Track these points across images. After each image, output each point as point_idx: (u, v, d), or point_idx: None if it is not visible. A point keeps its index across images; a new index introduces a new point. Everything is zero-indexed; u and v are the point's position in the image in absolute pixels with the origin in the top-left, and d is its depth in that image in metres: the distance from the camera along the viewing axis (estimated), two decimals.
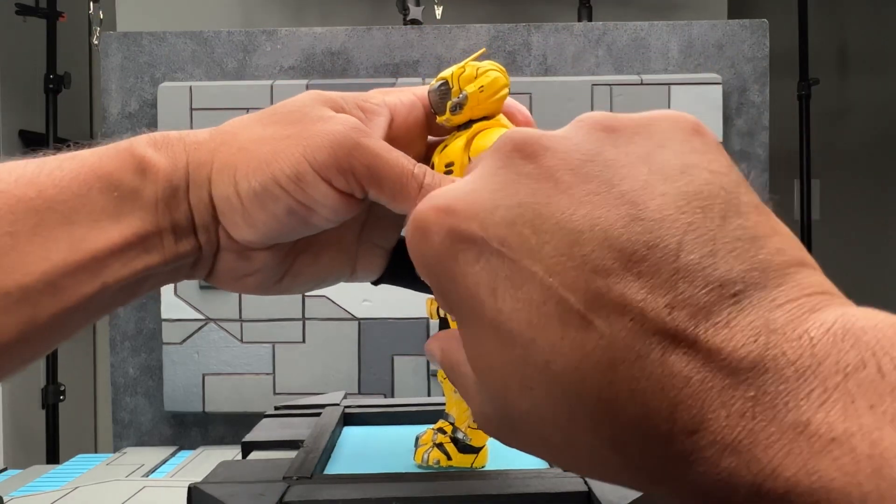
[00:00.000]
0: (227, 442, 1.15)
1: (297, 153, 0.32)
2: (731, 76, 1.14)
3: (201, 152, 0.34)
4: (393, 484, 0.37)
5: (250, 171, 0.33)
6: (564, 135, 0.23)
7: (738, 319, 0.18)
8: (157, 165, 0.33)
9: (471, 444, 0.41)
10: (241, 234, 0.34)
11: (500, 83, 0.38)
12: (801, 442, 0.16)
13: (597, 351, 0.19)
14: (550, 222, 0.20)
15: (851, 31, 2.33)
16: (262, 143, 0.33)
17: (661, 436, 0.18)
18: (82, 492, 0.81)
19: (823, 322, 0.17)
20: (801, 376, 0.17)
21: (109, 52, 1.16)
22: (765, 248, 0.19)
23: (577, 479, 0.37)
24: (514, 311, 0.20)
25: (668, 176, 0.20)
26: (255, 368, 1.13)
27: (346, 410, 0.54)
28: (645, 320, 0.18)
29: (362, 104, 0.36)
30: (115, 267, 0.32)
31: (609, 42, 1.15)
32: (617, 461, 0.19)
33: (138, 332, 1.17)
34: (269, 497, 0.35)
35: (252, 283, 0.37)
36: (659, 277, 0.19)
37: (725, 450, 0.17)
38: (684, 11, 1.73)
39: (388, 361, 1.12)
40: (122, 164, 0.33)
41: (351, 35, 1.15)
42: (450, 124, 0.39)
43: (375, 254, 0.40)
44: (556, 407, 0.20)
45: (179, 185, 0.33)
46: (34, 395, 1.70)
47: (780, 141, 1.57)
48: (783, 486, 0.16)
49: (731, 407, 0.17)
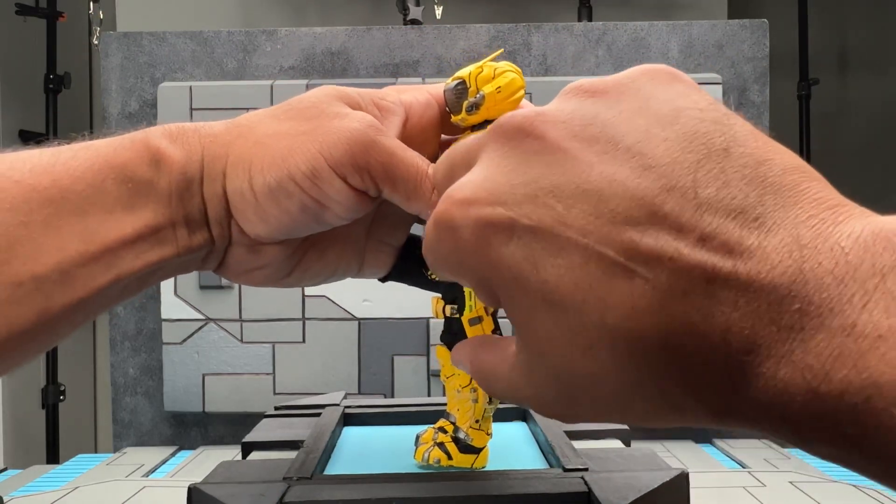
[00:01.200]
0: (227, 442, 1.15)
1: (313, 149, 0.33)
2: (731, 76, 1.14)
3: (216, 145, 0.34)
4: (393, 484, 0.37)
5: (265, 167, 0.33)
6: (557, 107, 0.23)
7: (769, 240, 0.19)
8: (171, 157, 0.33)
9: (472, 445, 0.41)
10: (253, 228, 0.34)
11: (516, 84, 0.38)
12: (849, 343, 0.17)
13: (645, 296, 0.19)
14: (571, 188, 0.21)
15: (851, 31, 2.33)
16: (279, 138, 0.33)
17: (719, 362, 0.19)
18: (82, 492, 0.81)
19: (851, 232, 0.18)
20: (841, 282, 0.17)
21: (109, 52, 1.16)
22: (772, 169, 0.20)
23: (578, 479, 0.37)
24: (559, 279, 0.21)
25: (664, 123, 0.21)
26: (255, 368, 1.13)
27: (347, 411, 0.54)
28: (681, 258, 0.19)
29: (378, 102, 0.36)
30: (128, 259, 0.32)
31: (609, 42, 1.15)
32: (684, 400, 0.20)
33: (138, 332, 1.17)
34: (269, 497, 0.35)
35: (261, 277, 0.37)
36: (684, 216, 0.19)
37: (780, 362, 0.18)
38: (684, 11, 1.73)
39: (388, 361, 1.12)
40: (137, 155, 0.32)
41: (351, 35, 1.15)
42: (465, 124, 0.39)
43: (383, 251, 0.40)
44: (621, 361, 0.20)
45: (194, 178, 0.33)
46: (34, 395, 1.70)
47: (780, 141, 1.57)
48: (837, 387, 0.17)
49: (779, 322, 0.18)
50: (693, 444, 1.10)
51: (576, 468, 0.38)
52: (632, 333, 0.20)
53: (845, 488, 0.79)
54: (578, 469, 0.38)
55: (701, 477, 0.83)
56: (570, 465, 0.39)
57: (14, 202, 0.30)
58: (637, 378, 0.20)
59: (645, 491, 0.35)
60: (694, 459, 1.01)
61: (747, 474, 0.84)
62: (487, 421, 0.41)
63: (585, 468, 0.38)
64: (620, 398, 0.21)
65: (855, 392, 0.17)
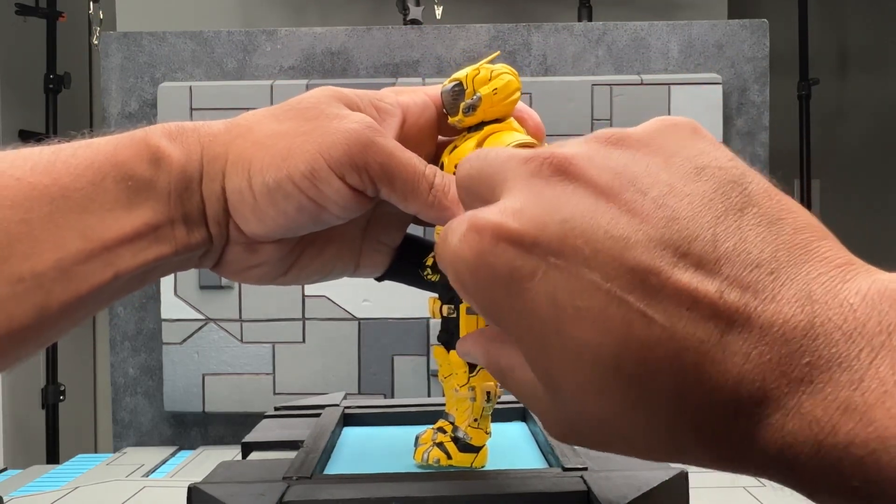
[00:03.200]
0: (227, 442, 1.15)
1: (312, 149, 0.33)
2: (731, 76, 1.14)
3: (216, 145, 0.34)
4: (393, 484, 0.37)
5: (265, 167, 0.33)
6: (588, 153, 0.24)
7: (782, 293, 0.19)
8: (171, 156, 0.33)
9: (471, 444, 0.41)
10: (251, 227, 0.35)
11: (513, 86, 0.39)
12: (856, 397, 0.17)
13: (661, 343, 0.20)
14: (599, 233, 0.22)
15: (851, 31, 2.33)
16: (278, 138, 0.34)
17: (729, 412, 0.19)
18: (82, 492, 0.81)
19: (859, 289, 0.19)
20: (850, 338, 0.18)
21: (109, 52, 1.16)
22: (784, 229, 0.21)
23: (578, 479, 0.37)
24: (578, 320, 0.21)
25: (687, 179, 0.22)
26: (255, 368, 1.13)
27: (346, 411, 0.54)
28: (701, 306, 0.20)
29: (376, 103, 0.37)
30: (127, 257, 0.32)
31: (609, 42, 1.15)
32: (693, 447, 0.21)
33: (138, 332, 1.17)
34: (269, 497, 0.35)
35: (257, 275, 0.38)
36: (705, 267, 0.20)
37: (789, 414, 0.18)
38: (684, 11, 1.73)
39: (388, 361, 1.12)
40: (137, 153, 0.33)
41: (351, 35, 1.15)
42: (462, 125, 0.39)
43: (379, 251, 0.41)
44: (633, 405, 0.21)
45: (193, 177, 0.34)
46: (34, 395, 1.70)
47: (780, 141, 1.57)
48: (843, 441, 0.17)
49: (790, 375, 0.18)
50: None
51: (575, 467, 0.38)
52: (645, 382, 0.20)
53: None
54: (578, 468, 0.38)
55: (701, 477, 0.83)
56: (569, 464, 0.39)
57: (15, 199, 0.30)
58: (646, 423, 0.21)
59: (644, 490, 0.35)
60: None
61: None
62: (486, 420, 0.41)
63: (585, 467, 0.38)
64: (627, 438, 0.22)
65: (860, 445, 0.17)
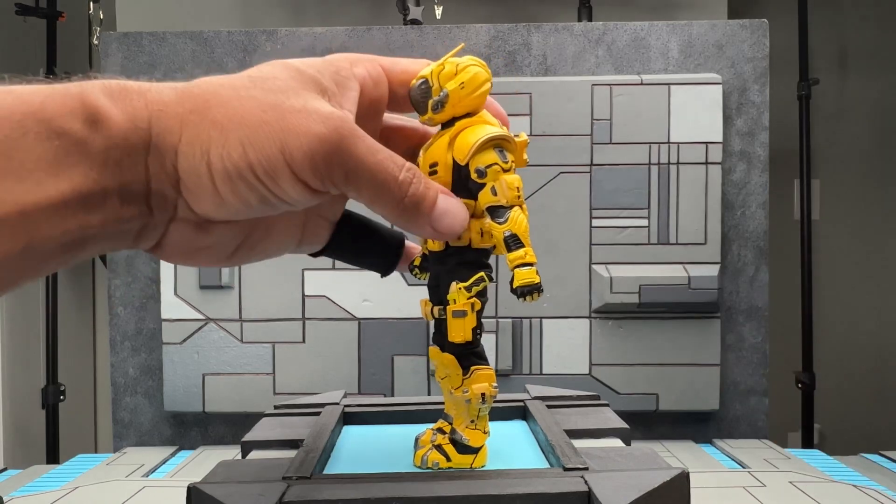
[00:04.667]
0: (227, 442, 1.15)
1: (274, 148, 0.31)
2: (731, 76, 1.14)
3: (167, 117, 0.31)
4: (393, 484, 0.37)
5: (225, 154, 0.31)
6: None
7: None
8: (111, 118, 0.29)
9: (469, 445, 0.41)
10: (206, 209, 0.32)
11: (480, 78, 0.38)
12: None
13: None
14: None
15: (851, 31, 2.33)
16: (240, 123, 0.31)
17: None
18: (82, 492, 0.81)
19: None
20: None
21: (109, 52, 1.16)
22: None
23: (579, 479, 0.37)
24: None
25: None
26: (255, 368, 1.13)
27: (346, 409, 0.54)
28: None
29: (337, 79, 0.35)
30: (45, 227, 0.28)
31: (609, 42, 1.15)
32: None
33: (138, 332, 1.17)
34: (269, 497, 0.35)
35: (204, 258, 0.35)
36: None
37: None
38: (684, 11, 1.73)
39: (388, 361, 1.12)
40: (70, 110, 0.29)
41: (351, 35, 1.15)
42: (432, 123, 0.39)
43: (321, 225, 0.39)
44: None
45: (137, 146, 0.30)
46: (34, 395, 1.70)
47: (780, 141, 1.57)
48: None
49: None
50: (693, 444, 1.10)
51: (576, 467, 0.38)
52: None
53: (845, 488, 0.79)
54: (578, 468, 0.38)
55: (701, 477, 0.83)
56: (570, 464, 0.39)
57: None
58: None
59: (645, 490, 0.35)
60: (694, 459, 1.01)
61: (747, 474, 0.84)
62: (483, 420, 0.41)
63: (586, 467, 0.38)
64: None
65: None
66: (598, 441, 0.47)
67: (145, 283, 1.16)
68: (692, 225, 1.11)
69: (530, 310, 1.11)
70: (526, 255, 0.36)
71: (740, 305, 1.14)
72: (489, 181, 0.37)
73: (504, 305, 1.10)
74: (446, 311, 0.39)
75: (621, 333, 1.12)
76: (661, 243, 1.11)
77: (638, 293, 1.09)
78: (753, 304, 1.14)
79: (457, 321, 0.39)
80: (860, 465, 0.97)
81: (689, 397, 1.11)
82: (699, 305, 1.10)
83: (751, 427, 1.15)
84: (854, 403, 2.24)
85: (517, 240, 0.37)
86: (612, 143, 1.11)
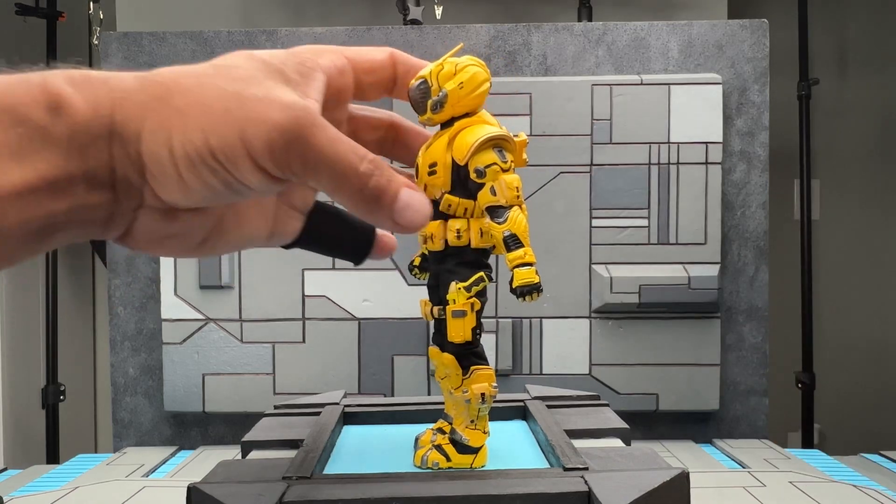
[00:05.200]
0: (227, 442, 1.15)
1: (234, 136, 0.31)
2: (731, 76, 1.14)
3: (130, 104, 0.31)
4: (393, 484, 0.37)
5: (186, 141, 0.31)
6: None
7: None
8: (74, 106, 0.30)
9: (469, 445, 0.41)
10: (172, 196, 0.32)
11: (479, 78, 0.38)
12: None
13: None
14: None
15: (851, 31, 2.33)
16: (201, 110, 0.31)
17: None
18: (82, 492, 0.81)
19: None
20: None
21: (109, 52, 1.16)
22: None
23: (579, 479, 0.37)
24: None
25: None
26: (255, 368, 1.13)
27: (346, 409, 0.54)
28: None
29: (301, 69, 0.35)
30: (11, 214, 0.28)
31: (609, 42, 1.15)
32: None
33: (138, 332, 1.17)
34: (269, 497, 0.35)
35: (173, 246, 0.35)
36: None
37: None
38: (684, 11, 1.73)
39: (388, 361, 1.12)
40: (33, 98, 0.29)
41: (351, 35, 1.15)
42: (431, 123, 0.39)
43: (292, 216, 0.39)
44: None
45: (100, 134, 0.30)
46: (34, 395, 1.70)
47: (780, 141, 1.57)
48: None
49: None
50: (693, 444, 1.10)
51: (576, 467, 0.38)
52: None
53: (845, 488, 0.79)
54: (579, 468, 0.38)
55: (701, 477, 0.83)
56: (570, 464, 0.39)
57: None
58: None
59: (645, 490, 0.35)
60: (694, 459, 1.01)
61: (747, 474, 0.84)
62: (483, 420, 0.41)
63: (586, 467, 0.38)
64: None
65: None
66: (598, 441, 0.47)
67: (145, 283, 1.16)
68: (692, 225, 1.11)
69: (530, 310, 1.11)
70: (525, 255, 0.37)
71: (740, 305, 1.14)
72: (488, 181, 0.37)
73: (504, 305, 1.10)
74: (446, 311, 0.39)
75: (621, 333, 1.12)
76: (660, 243, 1.11)
77: (638, 293, 1.10)
78: (753, 304, 1.14)
79: (456, 321, 0.39)
80: (860, 465, 0.97)
81: (689, 397, 1.11)
82: (699, 305, 1.10)
83: (751, 427, 1.15)
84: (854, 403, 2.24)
85: (516, 240, 0.37)
86: (611, 143, 1.11)
